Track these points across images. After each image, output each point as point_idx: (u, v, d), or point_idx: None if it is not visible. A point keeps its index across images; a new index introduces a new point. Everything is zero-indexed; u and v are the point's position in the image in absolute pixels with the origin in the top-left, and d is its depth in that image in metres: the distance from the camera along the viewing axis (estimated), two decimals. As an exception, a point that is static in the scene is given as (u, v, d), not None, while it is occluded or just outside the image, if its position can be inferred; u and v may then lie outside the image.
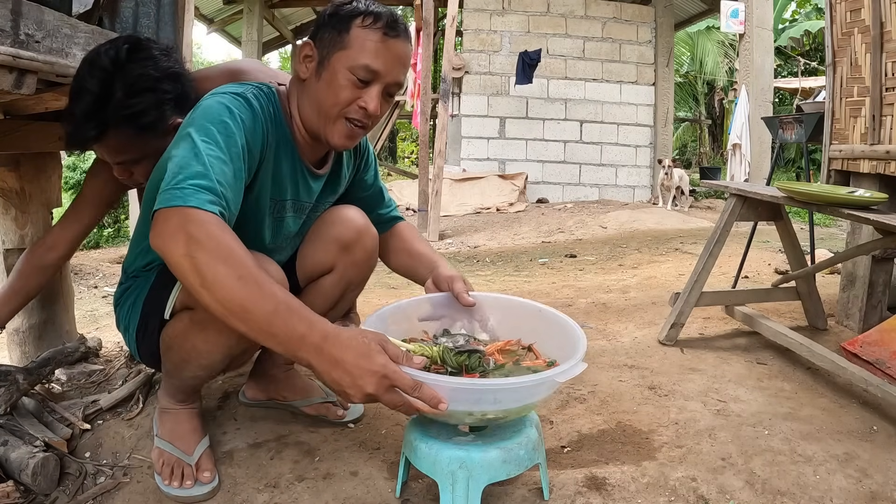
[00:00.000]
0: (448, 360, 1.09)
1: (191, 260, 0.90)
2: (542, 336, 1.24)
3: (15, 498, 1.14)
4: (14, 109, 1.54)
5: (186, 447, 1.25)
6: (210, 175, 0.98)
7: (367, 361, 0.89)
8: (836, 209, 1.70)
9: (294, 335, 0.90)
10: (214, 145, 1.02)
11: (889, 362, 1.57)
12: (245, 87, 1.16)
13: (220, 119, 1.06)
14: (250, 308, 0.89)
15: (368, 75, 1.14)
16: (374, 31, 1.13)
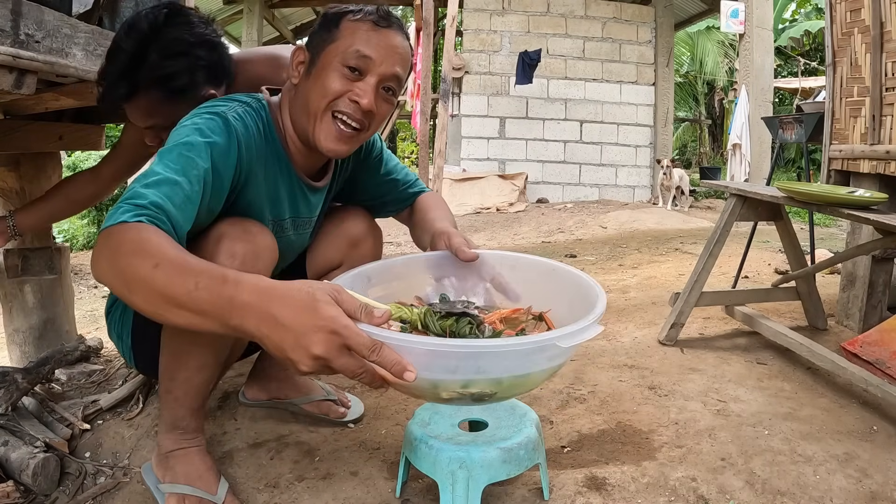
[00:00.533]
0: (431, 324, 0.94)
1: (112, 270, 0.83)
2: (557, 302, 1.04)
3: (15, 498, 1.14)
4: (14, 109, 1.54)
5: (208, 487, 1.13)
6: (149, 194, 0.90)
7: (312, 315, 0.74)
8: (836, 209, 1.70)
9: (221, 302, 0.76)
10: (171, 168, 0.95)
11: (889, 362, 1.57)
12: (228, 106, 1.10)
13: (185, 140, 1.00)
14: (173, 293, 0.78)
15: (360, 62, 1.07)
16: (364, 22, 1.09)
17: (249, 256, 1.07)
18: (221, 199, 1.06)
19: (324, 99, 1.08)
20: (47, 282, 1.90)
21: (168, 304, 0.79)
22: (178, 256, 0.82)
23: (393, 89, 1.12)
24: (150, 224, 0.86)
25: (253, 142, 1.10)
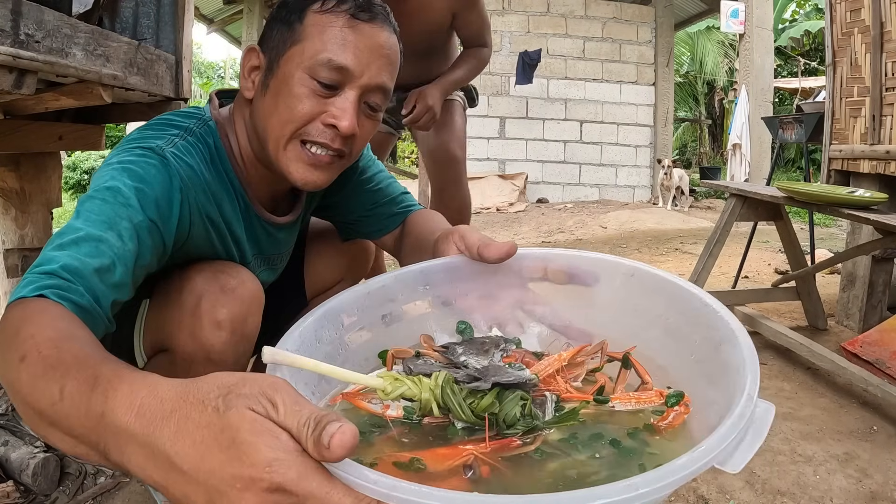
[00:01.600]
0: (454, 406, 0.57)
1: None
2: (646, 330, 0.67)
3: (15, 498, 1.14)
4: (14, 109, 1.54)
5: None
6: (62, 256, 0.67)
7: (233, 459, 0.41)
8: (836, 209, 1.70)
9: (89, 423, 0.49)
10: (93, 221, 0.72)
11: (889, 362, 1.57)
12: (165, 138, 0.85)
13: (110, 185, 0.76)
14: (34, 400, 0.53)
15: (333, 74, 0.81)
16: (337, 15, 0.82)
17: (237, 321, 0.88)
18: (163, 256, 0.83)
19: (288, 125, 0.83)
20: (47, 282, 1.90)
21: (36, 417, 0.54)
22: (52, 346, 0.55)
23: (378, 105, 0.87)
24: (52, 299, 0.62)
25: (200, 182, 0.85)
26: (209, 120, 0.91)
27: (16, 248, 1.85)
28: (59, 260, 0.67)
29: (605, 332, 0.70)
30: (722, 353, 0.55)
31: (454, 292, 0.76)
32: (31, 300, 0.62)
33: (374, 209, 1.13)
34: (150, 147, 0.82)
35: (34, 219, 1.86)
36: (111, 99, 1.36)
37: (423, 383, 0.58)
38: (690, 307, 0.63)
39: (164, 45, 1.62)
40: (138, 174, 0.78)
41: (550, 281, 0.76)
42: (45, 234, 1.91)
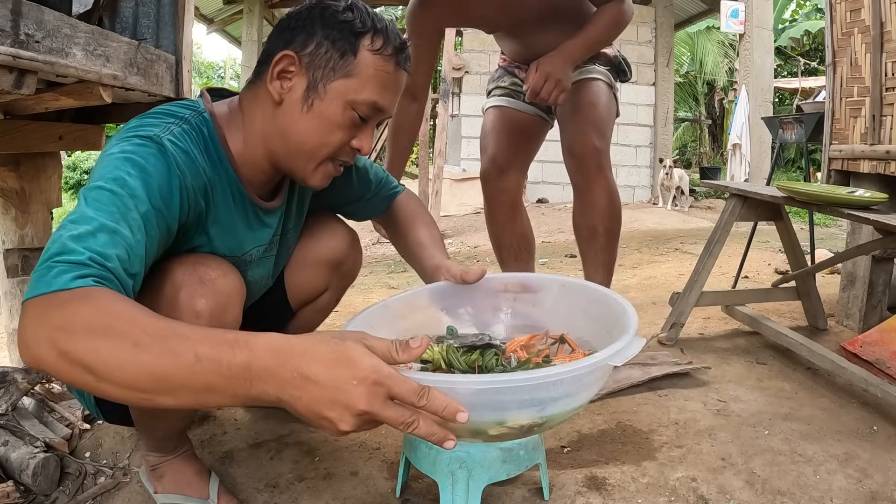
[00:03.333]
0: (455, 361, 0.89)
1: (67, 357, 0.64)
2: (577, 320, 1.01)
3: (15, 498, 1.14)
4: (14, 109, 1.54)
5: (200, 492, 1.12)
6: (85, 249, 0.72)
7: (348, 367, 0.64)
8: (836, 209, 1.70)
9: (235, 372, 0.64)
10: (105, 210, 0.76)
11: (889, 362, 1.57)
12: (162, 125, 0.89)
13: (116, 176, 0.80)
14: (165, 373, 0.64)
15: (372, 113, 0.95)
16: (387, 60, 0.93)
17: (216, 311, 0.92)
18: (167, 243, 0.88)
19: (326, 148, 0.95)
20: (47, 282, 1.90)
21: (159, 387, 0.65)
22: (159, 326, 0.66)
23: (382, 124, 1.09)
24: (100, 286, 0.69)
25: (198, 170, 0.91)
26: (203, 111, 0.96)
27: (16, 248, 1.85)
28: (84, 250, 0.71)
29: (548, 323, 1.07)
30: (620, 322, 0.91)
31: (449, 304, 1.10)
32: (80, 290, 0.67)
33: (370, 197, 1.30)
34: (149, 136, 0.86)
35: (34, 219, 1.86)
36: (111, 99, 1.36)
37: (433, 349, 0.89)
38: (601, 300, 1.01)
39: (164, 45, 1.62)
40: (140, 164, 0.82)
41: (510, 291, 1.13)
42: (45, 234, 1.91)
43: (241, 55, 10.15)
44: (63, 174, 1.91)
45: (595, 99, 1.77)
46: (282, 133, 0.95)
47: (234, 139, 0.98)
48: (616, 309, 0.93)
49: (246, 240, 1.04)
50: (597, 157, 1.74)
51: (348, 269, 1.34)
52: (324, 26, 0.92)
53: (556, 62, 1.58)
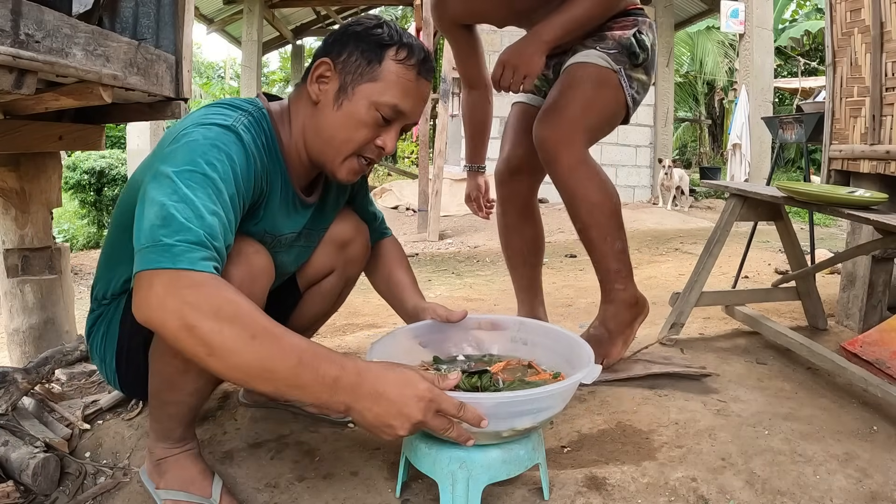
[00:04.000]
0: (460, 383, 1.06)
1: (191, 330, 0.80)
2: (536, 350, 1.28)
3: (15, 498, 1.14)
4: (14, 109, 1.54)
5: (202, 490, 1.12)
6: (199, 229, 0.86)
7: (412, 388, 0.86)
8: (836, 209, 1.70)
9: (326, 381, 0.84)
10: (202, 192, 0.89)
11: (889, 362, 1.57)
12: (235, 117, 1.03)
13: (208, 159, 0.92)
14: (273, 367, 0.82)
15: (394, 115, 1.08)
16: (408, 69, 1.07)
17: (246, 280, 1.01)
18: (238, 221, 1.00)
19: (352, 144, 1.08)
20: (47, 282, 1.90)
21: (266, 374, 0.82)
22: (273, 327, 0.84)
23: (408, 129, 1.15)
24: (218, 276, 0.86)
25: (263, 157, 1.05)
26: (262, 107, 1.11)
27: (16, 248, 1.86)
28: (198, 229, 0.86)
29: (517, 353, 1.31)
30: (575, 352, 1.18)
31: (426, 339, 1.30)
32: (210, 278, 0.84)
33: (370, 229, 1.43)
34: (226, 125, 0.99)
35: (34, 219, 1.86)
36: (111, 99, 1.36)
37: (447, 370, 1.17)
38: (556, 334, 1.27)
39: (164, 45, 1.62)
40: (225, 150, 0.95)
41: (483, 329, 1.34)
42: (45, 234, 1.91)
43: (241, 55, 10.15)
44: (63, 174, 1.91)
45: (569, 82, 1.59)
46: (317, 128, 1.09)
47: (284, 134, 1.13)
48: (571, 341, 1.21)
49: (285, 224, 1.17)
50: (547, 146, 1.56)
51: (354, 255, 1.38)
52: (356, 39, 1.07)
53: (517, 47, 1.52)
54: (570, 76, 1.60)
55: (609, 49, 1.62)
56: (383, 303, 1.48)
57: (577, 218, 1.64)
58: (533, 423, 1.02)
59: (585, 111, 1.57)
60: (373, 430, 0.88)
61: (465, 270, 4.48)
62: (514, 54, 1.52)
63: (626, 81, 1.63)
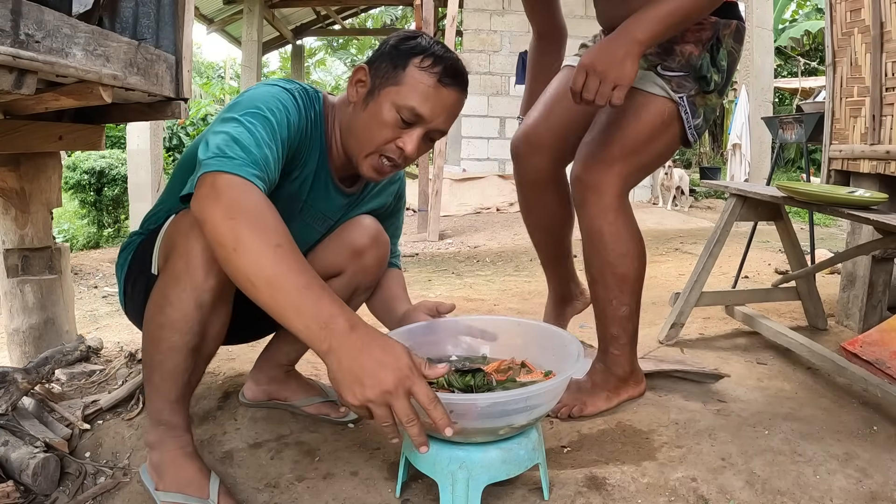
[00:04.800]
0: (454, 382, 1.09)
1: (230, 223, 0.88)
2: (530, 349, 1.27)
3: (15, 498, 1.14)
4: (14, 109, 1.54)
5: (200, 491, 1.11)
6: (257, 154, 0.98)
7: (394, 357, 0.85)
8: (836, 209, 1.70)
9: (322, 314, 0.86)
10: (262, 128, 1.02)
11: (889, 362, 1.57)
12: (294, 85, 1.18)
13: (269, 106, 1.06)
14: (283, 279, 0.86)
15: (413, 118, 1.13)
16: (429, 75, 1.13)
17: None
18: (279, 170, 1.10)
19: (373, 143, 1.16)
20: (47, 282, 1.90)
21: (268, 285, 0.86)
22: (295, 248, 0.90)
23: (435, 138, 1.20)
24: (264, 193, 0.95)
25: (308, 126, 1.18)
26: (319, 92, 1.23)
27: (16, 248, 1.86)
28: (256, 153, 0.98)
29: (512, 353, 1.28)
30: (566, 350, 1.18)
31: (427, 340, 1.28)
32: (255, 189, 0.93)
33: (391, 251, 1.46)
34: (287, 88, 1.14)
35: (34, 219, 1.86)
36: (111, 99, 1.36)
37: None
38: (548, 333, 1.27)
39: (164, 45, 1.62)
40: (284, 103, 1.09)
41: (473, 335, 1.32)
42: (45, 234, 1.91)
43: (241, 55, 10.15)
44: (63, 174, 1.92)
45: (615, 113, 1.39)
46: (349, 125, 1.20)
47: (329, 123, 1.24)
48: (562, 339, 1.22)
49: (317, 197, 1.26)
50: (577, 188, 1.44)
51: (368, 264, 1.34)
52: (390, 49, 1.17)
53: (604, 51, 1.22)
54: (623, 110, 1.37)
55: (673, 70, 1.37)
56: (383, 304, 1.48)
57: (588, 268, 1.50)
58: (528, 420, 1.03)
59: (628, 154, 1.38)
60: (341, 385, 0.85)
61: (465, 270, 4.48)
62: (601, 58, 1.22)
63: (689, 112, 1.38)
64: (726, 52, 1.40)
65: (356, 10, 12.28)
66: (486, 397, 1.00)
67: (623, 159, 1.39)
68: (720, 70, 1.39)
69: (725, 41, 1.39)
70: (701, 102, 1.41)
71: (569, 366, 1.08)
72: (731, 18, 1.41)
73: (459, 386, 1.09)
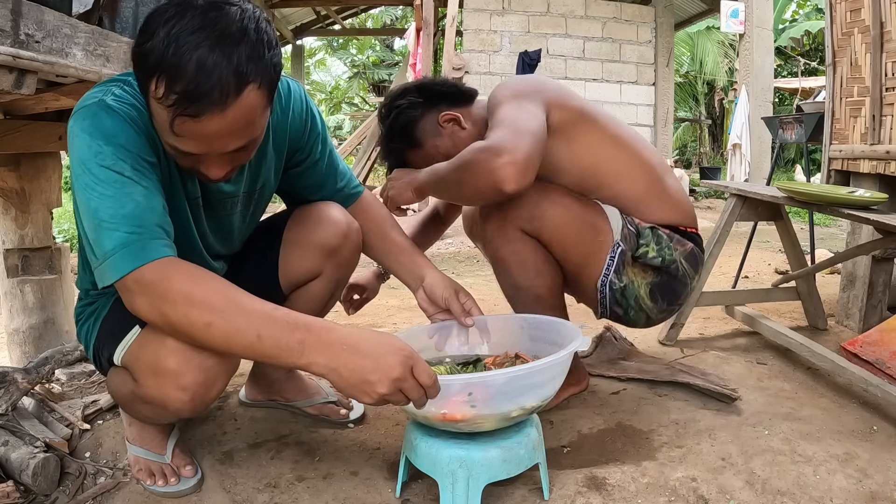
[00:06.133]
0: (454, 373, 1.11)
1: (163, 318, 0.88)
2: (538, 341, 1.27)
3: (15, 498, 1.14)
4: (14, 109, 1.54)
5: (158, 447, 1.24)
6: (132, 218, 0.89)
7: (389, 345, 0.86)
8: (836, 209, 1.70)
9: (291, 347, 0.85)
10: (111, 188, 0.89)
11: (889, 362, 1.57)
12: (103, 89, 0.96)
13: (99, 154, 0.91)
14: (233, 344, 0.87)
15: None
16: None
17: (201, 390, 0.99)
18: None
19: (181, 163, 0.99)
20: (47, 282, 1.90)
21: (229, 351, 0.90)
22: (226, 306, 0.87)
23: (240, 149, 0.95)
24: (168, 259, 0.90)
25: (143, 119, 0.96)
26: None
27: (16, 248, 1.86)
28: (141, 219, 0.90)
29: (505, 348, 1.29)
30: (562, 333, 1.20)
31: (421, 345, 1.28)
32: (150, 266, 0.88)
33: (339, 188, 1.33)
34: (93, 102, 0.94)
35: (34, 219, 1.86)
36: (111, 99, 1.35)
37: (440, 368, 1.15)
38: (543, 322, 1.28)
39: (164, 45, 1.62)
40: (103, 131, 0.92)
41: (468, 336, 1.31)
42: (45, 234, 1.91)
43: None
44: (63, 174, 1.92)
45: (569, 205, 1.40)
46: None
47: None
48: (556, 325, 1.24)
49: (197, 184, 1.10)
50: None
51: (343, 260, 1.31)
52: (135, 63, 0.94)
53: (401, 172, 1.46)
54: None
55: (631, 224, 1.42)
56: (383, 303, 1.48)
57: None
58: (537, 400, 1.04)
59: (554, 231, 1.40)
60: (351, 390, 0.86)
61: (465, 270, 4.48)
62: (395, 177, 1.46)
63: (616, 263, 1.41)
64: (673, 255, 1.43)
65: (356, 10, 12.27)
66: (502, 372, 1.00)
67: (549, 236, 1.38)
68: (659, 256, 1.42)
69: (675, 249, 1.44)
70: (629, 270, 1.42)
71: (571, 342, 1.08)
72: (689, 241, 1.50)
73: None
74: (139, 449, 1.24)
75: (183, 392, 0.97)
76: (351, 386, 0.85)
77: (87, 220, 0.91)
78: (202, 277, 0.90)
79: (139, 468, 1.22)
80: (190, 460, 1.24)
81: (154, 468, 1.21)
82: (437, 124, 1.47)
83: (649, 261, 1.41)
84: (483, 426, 1.03)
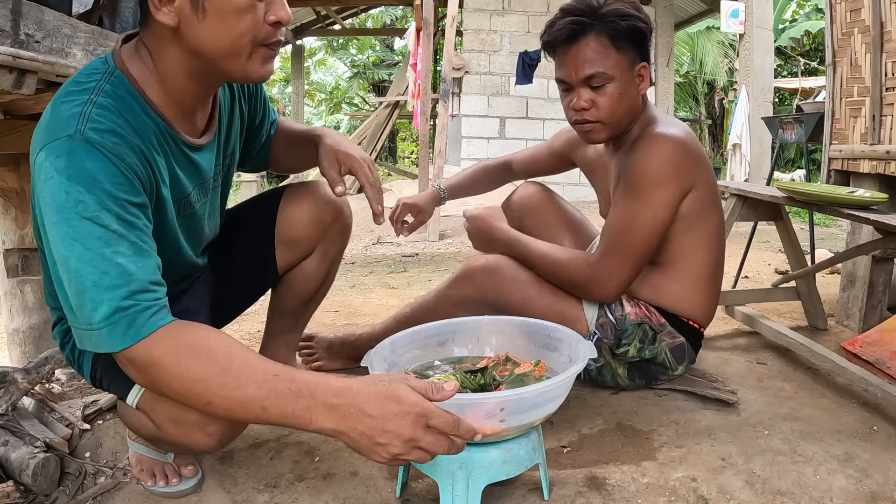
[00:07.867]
0: (466, 382, 1.10)
1: (164, 393, 0.88)
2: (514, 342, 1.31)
3: (15, 498, 1.14)
4: (14, 109, 1.54)
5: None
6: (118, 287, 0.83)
7: (395, 403, 0.80)
8: (836, 209, 1.70)
9: (298, 415, 0.82)
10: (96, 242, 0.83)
11: (889, 362, 1.57)
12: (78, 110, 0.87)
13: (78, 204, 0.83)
14: (240, 415, 0.85)
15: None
16: None
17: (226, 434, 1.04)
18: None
19: (243, 39, 0.92)
20: (47, 282, 1.90)
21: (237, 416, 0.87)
22: (228, 382, 0.83)
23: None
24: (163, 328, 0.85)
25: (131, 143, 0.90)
26: (114, 70, 0.94)
27: (16, 248, 1.86)
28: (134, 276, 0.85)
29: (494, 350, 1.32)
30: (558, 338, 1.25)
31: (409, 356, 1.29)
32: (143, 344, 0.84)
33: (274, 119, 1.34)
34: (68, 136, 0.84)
35: (34, 219, 1.86)
36: (111, 99, 1.35)
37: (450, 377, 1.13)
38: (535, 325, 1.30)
39: (164, 45, 1.62)
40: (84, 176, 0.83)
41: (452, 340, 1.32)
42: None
43: None
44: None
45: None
46: (195, 51, 0.93)
47: (152, 86, 0.97)
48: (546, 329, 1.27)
49: (188, 181, 1.07)
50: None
51: (336, 234, 1.37)
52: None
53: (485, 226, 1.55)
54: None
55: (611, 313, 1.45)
56: (383, 302, 1.48)
57: None
58: (556, 408, 1.07)
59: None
60: (365, 452, 0.82)
61: (465, 270, 4.49)
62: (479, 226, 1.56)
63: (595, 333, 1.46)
64: (656, 350, 1.49)
65: (356, 10, 12.27)
66: (530, 389, 0.99)
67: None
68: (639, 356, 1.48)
69: (660, 342, 1.49)
70: (607, 355, 1.50)
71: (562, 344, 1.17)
72: (682, 335, 1.51)
73: (472, 387, 1.11)
74: (141, 447, 1.23)
75: (210, 438, 1.00)
76: (362, 448, 0.82)
77: (66, 279, 0.84)
78: (194, 348, 0.85)
79: (140, 468, 1.22)
80: (191, 460, 1.24)
81: (156, 467, 1.20)
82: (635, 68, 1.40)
83: (628, 359, 1.50)
84: (505, 436, 1.04)
